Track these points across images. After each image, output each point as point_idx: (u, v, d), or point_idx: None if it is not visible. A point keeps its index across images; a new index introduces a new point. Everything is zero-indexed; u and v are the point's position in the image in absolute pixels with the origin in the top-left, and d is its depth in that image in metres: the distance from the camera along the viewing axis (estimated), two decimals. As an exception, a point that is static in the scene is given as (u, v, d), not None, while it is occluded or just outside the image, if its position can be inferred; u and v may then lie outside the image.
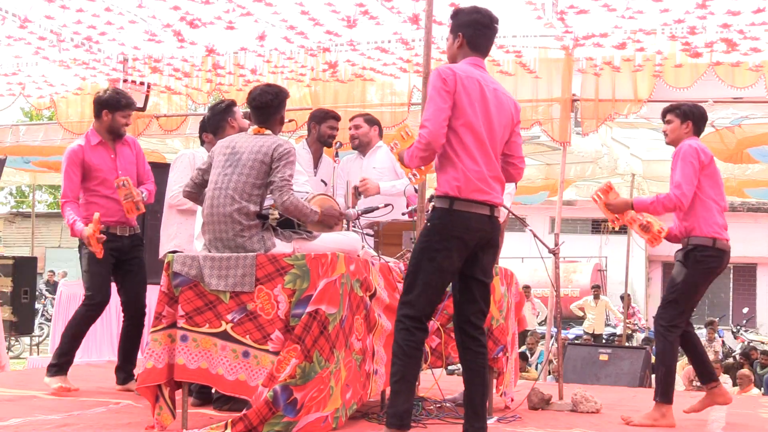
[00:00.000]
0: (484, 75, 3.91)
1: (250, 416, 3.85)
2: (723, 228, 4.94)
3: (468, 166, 3.75)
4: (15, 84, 10.22)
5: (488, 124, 3.81)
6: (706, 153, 4.93)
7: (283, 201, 4.20)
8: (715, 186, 4.94)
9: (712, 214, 4.90)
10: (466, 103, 3.75)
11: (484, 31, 3.95)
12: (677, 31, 7.77)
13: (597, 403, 5.32)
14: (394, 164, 5.94)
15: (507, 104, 3.92)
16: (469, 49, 3.93)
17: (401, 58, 8.95)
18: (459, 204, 3.73)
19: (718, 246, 4.91)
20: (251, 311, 4.07)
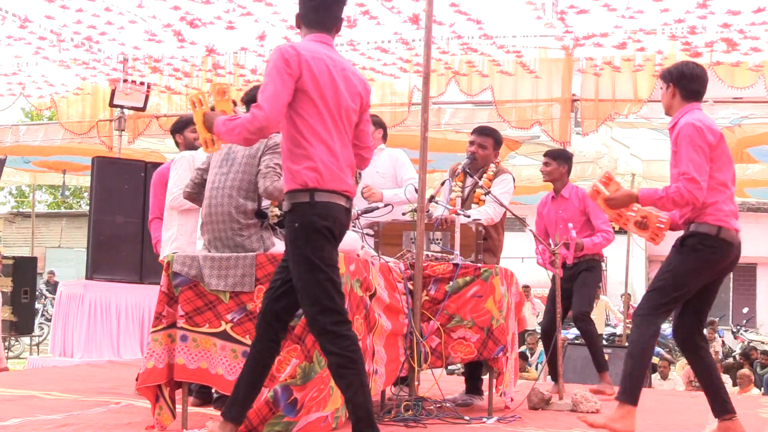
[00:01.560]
0: (331, 53, 3.59)
1: (250, 416, 3.85)
2: (732, 216, 4.24)
3: (322, 154, 3.47)
4: (15, 84, 10.23)
5: (338, 107, 3.53)
6: (714, 131, 4.19)
7: (266, 187, 4.16)
8: (725, 168, 4.24)
9: (720, 200, 4.21)
10: (312, 85, 3.45)
11: (310, 3, 3.60)
12: (677, 31, 7.77)
13: (597, 403, 5.32)
14: (396, 170, 5.93)
15: (356, 85, 3.62)
16: (313, 26, 3.61)
17: (401, 58, 8.96)
18: (320, 195, 3.46)
19: (723, 236, 4.20)
20: (251, 311, 4.07)
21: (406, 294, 4.76)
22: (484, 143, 5.68)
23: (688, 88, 4.30)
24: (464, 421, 4.62)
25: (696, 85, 4.32)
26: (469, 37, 8.40)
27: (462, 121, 9.92)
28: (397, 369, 4.68)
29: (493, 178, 5.64)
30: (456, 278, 4.85)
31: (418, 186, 5.02)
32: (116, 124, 10.19)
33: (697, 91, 4.33)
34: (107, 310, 8.25)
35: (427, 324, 4.85)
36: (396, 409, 4.52)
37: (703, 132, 4.13)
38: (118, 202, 8.33)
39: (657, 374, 10.63)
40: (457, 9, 7.53)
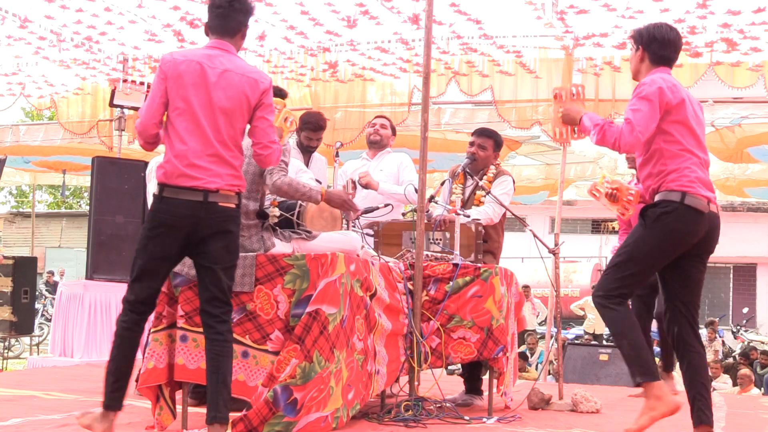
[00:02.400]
0: (216, 57, 3.73)
1: (250, 416, 3.85)
2: (700, 183, 3.86)
3: (177, 152, 3.64)
4: (15, 84, 10.23)
5: (206, 107, 3.66)
6: (676, 93, 3.87)
7: (275, 181, 4.14)
8: (690, 134, 3.90)
9: (686, 166, 3.85)
10: (177, 87, 3.65)
11: (213, 10, 3.80)
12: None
13: (597, 403, 5.32)
14: (400, 171, 5.96)
15: (239, 86, 3.71)
16: (214, 32, 3.81)
17: (401, 58, 8.96)
18: (168, 191, 3.63)
19: (688, 203, 3.80)
20: (251, 311, 4.07)
21: (406, 294, 4.76)
22: (484, 144, 5.69)
23: (657, 53, 3.99)
24: (464, 421, 4.62)
25: (667, 51, 4.00)
26: (469, 37, 8.40)
27: (462, 121, 9.93)
28: (398, 369, 4.68)
29: (493, 179, 5.65)
30: (456, 278, 4.85)
31: (417, 186, 5.02)
32: (116, 124, 10.18)
33: (668, 57, 4.01)
34: (107, 310, 8.24)
35: (427, 324, 4.85)
36: (396, 409, 4.52)
37: (662, 90, 3.84)
38: (118, 202, 8.32)
39: (657, 374, 10.61)
40: (457, 9, 7.53)
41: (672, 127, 3.86)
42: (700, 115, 4.01)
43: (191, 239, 3.66)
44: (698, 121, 3.97)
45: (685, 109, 3.89)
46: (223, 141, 3.69)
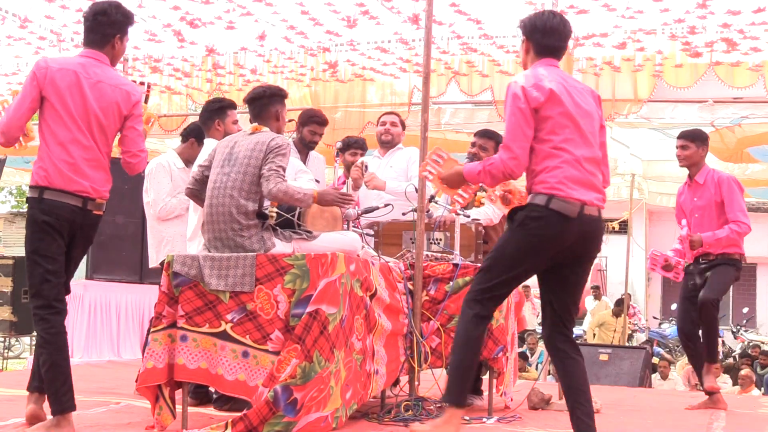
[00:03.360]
0: (90, 66, 3.97)
1: (251, 416, 3.85)
2: (573, 182, 3.53)
3: (57, 156, 3.85)
4: (15, 84, 10.22)
5: (85, 115, 3.90)
6: (542, 87, 3.54)
7: (270, 189, 4.14)
8: (569, 128, 3.56)
9: (556, 165, 3.53)
10: (53, 94, 3.86)
11: (83, 23, 4.10)
12: (677, 31, 7.77)
13: (597, 403, 5.31)
14: (409, 166, 5.97)
15: (111, 96, 3.96)
16: (88, 44, 4.06)
17: (401, 58, 8.96)
18: (49, 193, 3.85)
19: (554, 206, 3.50)
20: (251, 311, 4.07)
21: (406, 294, 4.76)
22: (485, 145, 5.69)
23: (541, 43, 3.72)
24: (464, 421, 4.61)
25: (551, 40, 3.73)
26: (469, 37, 8.40)
27: (462, 121, 9.92)
28: (398, 369, 4.69)
29: (493, 180, 5.65)
30: (456, 278, 4.84)
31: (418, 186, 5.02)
32: (116, 124, 10.18)
33: (553, 46, 3.73)
34: (107, 310, 8.25)
35: (427, 324, 4.85)
36: (396, 409, 4.52)
37: (524, 91, 3.54)
38: (118, 202, 8.30)
39: (657, 374, 10.62)
40: (457, 9, 7.53)
41: (542, 124, 3.56)
42: (586, 106, 3.65)
43: (66, 239, 3.96)
44: (583, 112, 3.62)
45: (558, 102, 3.55)
46: (98, 148, 3.96)
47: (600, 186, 3.67)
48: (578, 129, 3.58)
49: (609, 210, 4.43)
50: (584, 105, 3.65)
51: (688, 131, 6.08)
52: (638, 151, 12.00)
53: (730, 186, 5.79)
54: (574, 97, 3.62)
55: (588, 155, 3.61)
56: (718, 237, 5.71)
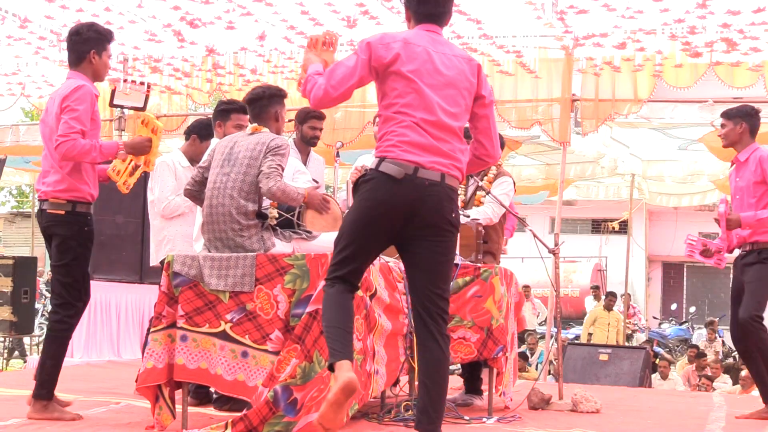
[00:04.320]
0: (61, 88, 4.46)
1: (251, 416, 3.85)
2: (410, 146, 3.34)
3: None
4: (15, 84, 10.23)
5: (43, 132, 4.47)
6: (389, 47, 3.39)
7: (269, 188, 4.15)
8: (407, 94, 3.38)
9: (393, 129, 3.38)
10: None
11: (66, 46, 4.48)
12: (677, 31, 7.77)
13: (597, 403, 5.32)
14: None
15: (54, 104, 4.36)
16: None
17: (401, 58, 8.94)
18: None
19: (383, 169, 3.32)
20: (250, 311, 4.07)
21: (406, 294, 4.75)
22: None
23: (417, 11, 3.57)
24: (464, 421, 4.62)
25: (426, 6, 3.55)
26: (469, 37, 8.40)
27: (462, 121, 9.91)
28: (398, 369, 4.68)
29: (494, 180, 5.64)
30: (456, 278, 4.84)
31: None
32: (116, 124, 10.18)
33: (429, 13, 3.55)
34: (107, 310, 8.25)
35: (427, 324, 4.84)
36: (396, 409, 4.52)
37: (369, 45, 3.42)
38: (118, 202, 8.30)
39: (657, 374, 10.62)
40: (457, 9, 7.52)
41: (387, 86, 3.42)
42: (451, 73, 3.45)
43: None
44: (444, 79, 3.43)
45: (402, 64, 3.38)
46: (53, 155, 4.37)
47: (452, 153, 3.41)
48: (425, 95, 3.38)
49: (609, 210, 4.42)
50: (447, 72, 3.44)
51: (728, 108, 5.57)
52: (638, 151, 12.01)
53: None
54: (437, 64, 3.43)
55: (435, 120, 3.38)
56: (759, 218, 5.14)
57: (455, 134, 3.44)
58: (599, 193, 14.89)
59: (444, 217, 3.38)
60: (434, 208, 3.35)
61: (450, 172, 3.39)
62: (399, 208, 3.32)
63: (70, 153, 4.25)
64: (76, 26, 4.50)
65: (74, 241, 4.44)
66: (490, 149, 3.61)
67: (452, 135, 3.43)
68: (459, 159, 3.45)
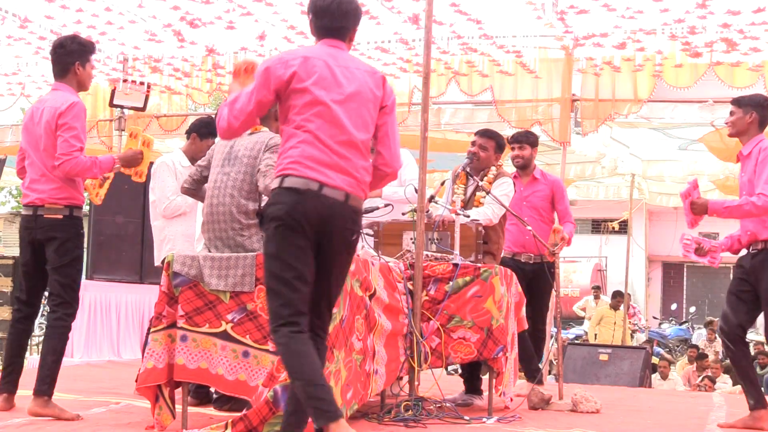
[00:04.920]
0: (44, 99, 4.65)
1: (251, 416, 3.85)
2: (313, 162, 3.28)
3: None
4: (15, 84, 10.22)
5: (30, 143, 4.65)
6: (288, 65, 3.34)
7: (266, 185, 4.14)
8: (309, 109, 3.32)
9: (293, 145, 3.32)
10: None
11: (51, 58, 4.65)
12: (677, 31, 7.77)
13: (597, 403, 5.32)
14: (401, 171, 5.94)
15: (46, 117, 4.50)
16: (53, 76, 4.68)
17: (401, 58, 8.95)
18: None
19: (285, 185, 3.28)
20: (251, 311, 4.07)
21: (406, 294, 4.76)
22: (485, 145, 5.69)
23: (315, 24, 3.50)
24: (464, 421, 4.62)
25: (323, 20, 3.47)
26: (469, 37, 8.40)
27: (462, 121, 9.92)
28: (397, 369, 4.69)
29: (493, 180, 5.65)
30: (456, 278, 4.85)
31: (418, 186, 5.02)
32: (116, 124, 10.18)
33: (327, 27, 3.47)
34: (107, 310, 8.25)
35: (427, 324, 4.85)
36: (396, 409, 4.52)
37: (267, 69, 3.35)
38: (118, 202, 8.32)
39: (657, 374, 10.63)
40: (457, 9, 7.53)
41: (289, 104, 3.36)
42: (354, 87, 3.40)
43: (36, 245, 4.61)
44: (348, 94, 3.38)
45: (306, 80, 3.33)
46: (44, 163, 4.53)
47: (354, 171, 3.35)
48: (325, 110, 3.34)
49: (609, 210, 4.42)
50: (349, 85, 3.39)
51: (740, 95, 5.23)
52: (638, 151, 12.00)
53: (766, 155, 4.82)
54: (338, 78, 3.38)
55: (340, 137, 3.34)
56: (728, 206, 4.78)
57: (358, 150, 3.38)
58: (599, 193, 14.89)
59: (345, 237, 3.34)
60: (338, 228, 3.31)
61: (353, 192, 3.34)
62: (309, 220, 3.25)
63: (74, 170, 4.47)
64: (60, 39, 4.73)
65: (72, 243, 4.57)
66: (387, 158, 3.49)
67: (354, 151, 3.37)
68: (362, 177, 3.39)
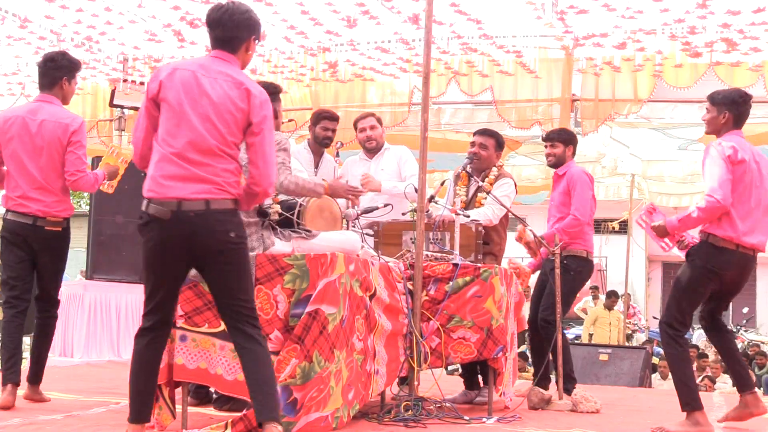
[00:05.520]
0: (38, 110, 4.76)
1: (250, 416, 3.84)
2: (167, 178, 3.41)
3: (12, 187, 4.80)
4: (15, 84, 10.23)
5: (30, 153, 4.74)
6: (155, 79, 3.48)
7: (281, 182, 4.17)
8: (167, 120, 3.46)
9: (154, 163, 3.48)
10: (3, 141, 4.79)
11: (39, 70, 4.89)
12: (677, 31, 7.77)
13: (597, 403, 5.32)
14: (401, 167, 5.96)
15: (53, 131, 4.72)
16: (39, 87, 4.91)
17: (401, 58, 8.96)
18: (10, 214, 4.79)
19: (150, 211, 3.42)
20: (251, 311, 4.06)
21: (406, 294, 4.76)
22: (485, 143, 5.68)
23: (212, 36, 3.61)
24: (464, 421, 4.62)
25: (215, 32, 3.57)
26: (469, 37, 8.40)
27: (462, 121, 9.93)
28: (398, 369, 4.69)
29: (494, 181, 5.64)
30: (456, 278, 4.85)
31: (418, 186, 5.02)
32: (116, 124, 10.18)
33: (217, 38, 3.58)
34: (107, 310, 8.24)
35: (427, 324, 4.85)
36: (396, 409, 4.52)
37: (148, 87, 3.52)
38: (118, 202, 8.31)
39: (657, 374, 10.62)
40: (457, 9, 7.53)
41: (159, 116, 3.48)
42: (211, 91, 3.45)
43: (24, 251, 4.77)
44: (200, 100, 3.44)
45: (169, 91, 3.44)
46: (43, 175, 4.70)
47: (215, 176, 3.43)
48: (184, 119, 3.42)
49: (609, 210, 4.45)
50: (213, 94, 3.46)
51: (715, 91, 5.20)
52: (638, 151, 12.00)
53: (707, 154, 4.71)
54: (204, 87, 3.46)
55: (194, 144, 3.41)
56: (680, 218, 4.72)
57: (218, 156, 3.44)
58: (599, 193, 14.86)
59: (219, 240, 3.43)
60: (208, 237, 3.41)
61: (215, 197, 3.42)
62: (176, 244, 3.41)
63: (85, 185, 4.82)
64: (51, 54, 4.97)
65: (65, 250, 4.94)
66: (257, 177, 3.51)
67: (214, 157, 3.44)
68: (225, 179, 3.46)
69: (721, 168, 4.56)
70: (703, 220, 4.62)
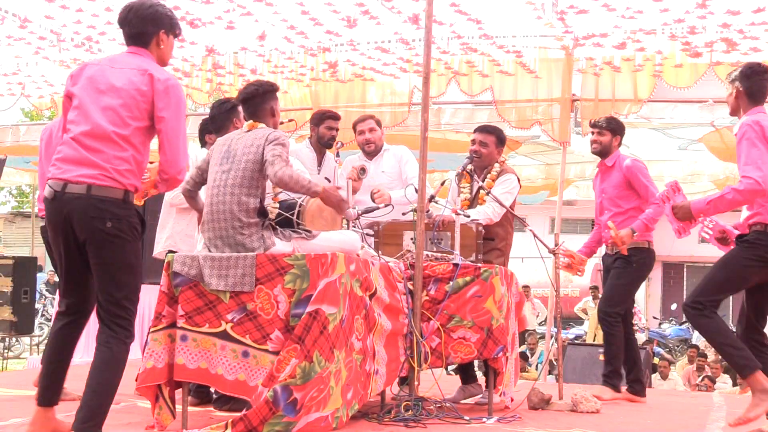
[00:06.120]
0: None
1: (250, 416, 3.85)
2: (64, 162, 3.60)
3: None
4: (15, 84, 10.22)
5: None
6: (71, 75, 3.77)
7: (275, 172, 4.10)
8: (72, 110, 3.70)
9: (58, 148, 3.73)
10: None
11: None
12: (677, 31, 7.77)
13: (597, 403, 5.32)
14: (402, 168, 5.95)
15: None
16: None
17: (401, 58, 8.95)
18: None
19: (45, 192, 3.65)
20: (251, 311, 4.07)
21: (406, 294, 4.76)
22: (485, 140, 5.67)
23: (124, 35, 3.82)
24: (464, 421, 4.62)
25: (125, 30, 3.79)
26: (469, 37, 8.40)
27: (462, 121, 9.92)
28: (398, 369, 4.69)
29: (497, 178, 5.64)
30: (456, 278, 4.85)
31: (418, 186, 5.02)
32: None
33: (128, 35, 3.80)
34: (107, 310, 8.23)
35: (427, 324, 4.85)
36: (396, 409, 4.52)
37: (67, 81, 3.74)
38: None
39: (657, 374, 10.63)
40: (457, 9, 7.53)
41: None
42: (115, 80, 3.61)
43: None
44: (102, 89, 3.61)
45: (76, 83, 3.68)
46: None
47: (105, 162, 3.54)
48: (84, 108, 3.61)
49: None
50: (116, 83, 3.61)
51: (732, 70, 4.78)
52: (638, 151, 11.98)
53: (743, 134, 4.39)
54: (108, 77, 3.63)
55: (91, 131, 3.56)
56: (711, 200, 4.43)
57: (114, 142, 3.56)
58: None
59: (95, 227, 3.50)
60: (83, 221, 3.50)
61: (99, 183, 3.51)
62: (59, 225, 3.55)
63: None
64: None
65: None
66: (164, 164, 3.66)
67: (109, 143, 3.56)
68: (116, 166, 3.55)
69: (761, 148, 4.27)
70: (739, 203, 4.34)
